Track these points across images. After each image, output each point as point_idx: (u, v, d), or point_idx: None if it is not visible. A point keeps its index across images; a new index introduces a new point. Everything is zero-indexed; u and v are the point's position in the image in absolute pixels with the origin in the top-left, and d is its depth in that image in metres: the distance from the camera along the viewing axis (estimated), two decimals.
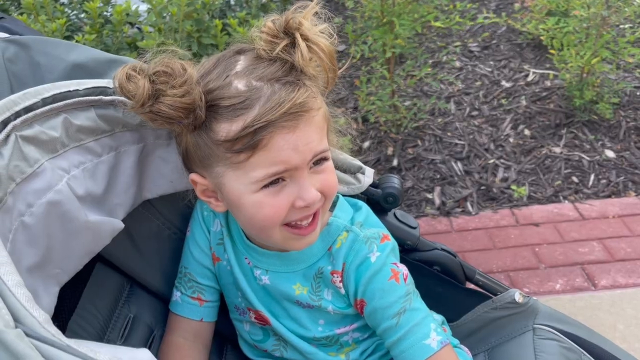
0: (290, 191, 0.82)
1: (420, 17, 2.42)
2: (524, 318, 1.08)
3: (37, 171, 0.76)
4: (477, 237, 2.26)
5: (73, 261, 0.82)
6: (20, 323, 0.55)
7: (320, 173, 0.84)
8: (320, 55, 0.81)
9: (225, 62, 0.82)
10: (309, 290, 0.94)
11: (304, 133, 0.79)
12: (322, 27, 0.82)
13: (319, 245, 0.93)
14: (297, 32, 0.79)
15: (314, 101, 0.81)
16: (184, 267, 1.03)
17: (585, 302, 1.92)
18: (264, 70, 0.79)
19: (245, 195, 0.82)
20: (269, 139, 0.77)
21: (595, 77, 2.65)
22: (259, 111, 0.76)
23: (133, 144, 0.94)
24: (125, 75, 0.78)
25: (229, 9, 2.90)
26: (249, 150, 0.77)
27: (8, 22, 0.99)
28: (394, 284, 0.89)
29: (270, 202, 0.81)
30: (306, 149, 0.79)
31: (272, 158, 0.78)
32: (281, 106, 0.76)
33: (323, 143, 0.83)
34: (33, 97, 0.78)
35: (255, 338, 1.03)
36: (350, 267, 0.90)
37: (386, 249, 0.91)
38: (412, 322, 0.88)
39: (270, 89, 0.78)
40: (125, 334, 1.00)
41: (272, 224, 0.83)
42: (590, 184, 2.43)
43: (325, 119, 0.85)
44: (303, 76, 0.81)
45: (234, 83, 0.79)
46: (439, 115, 2.84)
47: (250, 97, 0.77)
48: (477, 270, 1.11)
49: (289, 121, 0.77)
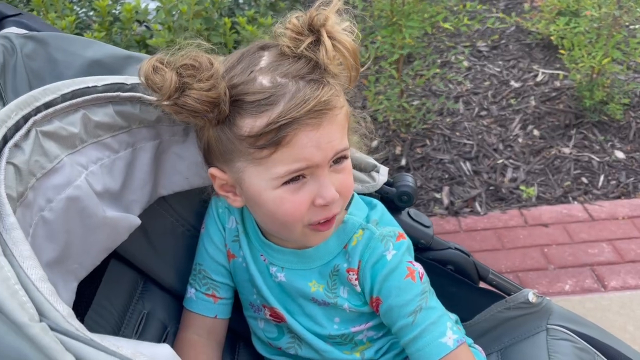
0: (311, 189, 0.82)
1: (430, 17, 2.42)
2: (538, 318, 1.08)
3: (56, 167, 0.76)
4: (485, 238, 2.26)
5: (91, 257, 0.82)
6: (45, 317, 0.56)
7: (339, 172, 0.84)
8: (344, 53, 0.81)
9: (250, 58, 0.82)
10: (325, 287, 0.94)
11: (327, 131, 0.79)
12: (346, 24, 0.82)
13: (334, 243, 0.93)
14: (322, 29, 0.79)
15: (337, 99, 0.81)
16: (198, 264, 1.04)
17: (594, 303, 1.91)
18: (288, 67, 0.79)
19: (265, 191, 0.82)
20: (293, 136, 0.77)
21: (605, 77, 2.64)
22: (284, 108, 0.76)
23: (149, 141, 0.94)
24: (151, 68, 0.78)
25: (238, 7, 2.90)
26: (272, 147, 0.77)
27: (25, 18, 0.99)
28: (410, 282, 0.89)
29: (290, 198, 0.81)
30: (328, 147, 0.80)
31: (294, 155, 0.78)
32: (306, 103, 0.76)
33: (344, 142, 0.83)
34: (53, 93, 0.78)
35: (270, 335, 1.03)
36: (366, 265, 0.90)
37: (402, 247, 0.91)
38: (428, 321, 0.88)
39: (295, 85, 0.78)
40: (140, 330, 1.00)
41: (293, 220, 0.83)
42: (600, 184, 2.42)
43: (347, 118, 0.85)
44: (326, 74, 0.81)
45: (259, 79, 0.79)
46: (448, 115, 2.84)
47: (275, 94, 0.77)
48: (490, 270, 1.11)
49: (313, 119, 0.77)
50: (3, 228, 0.61)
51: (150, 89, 0.80)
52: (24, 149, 0.72)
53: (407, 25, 2.30)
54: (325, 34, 0.80)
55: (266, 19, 2.39)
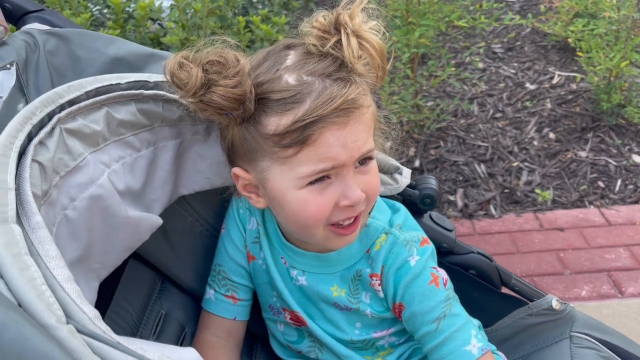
0: (335, 189, 0.80)
1: (445, 16, 2.39)
2: (561, 325, 1.05)
3: (80, 165, 0.75)
4: (500, 241, 2.23)
5: (113, 256, 0.81)
6: (71, 319, 0.55)
7: (365, 174, 0.82)
8: (371, 52, 0.79)
9: (275, 56, 0.81)
10: (347, 292, 0.93)
11: (353, 130, 0.77)
12: (373, 23, 0.81)
13: (357, 247, 0.91)
14: (348, 27, 0.78)
15: (365, 98, 0.80)
16: (218, 265, 1.02)
17: (612, 309, 1.89)
18: (315, 66, 0.78)
19: (289, 191, 0.80)
20: (319, 135, 0.76)
21: (623, 80, 2.60)
22: (310, 105, 0.75)
23: (171, 139, 0.93)
24: (177, 64, 0.77)
25: (251, 6, 2.89)
26: (297, 145, 0.76)
27: (48, 14, 0.98)
28: (434, 289, 0.87)
29: (314, 199, 0.80)
30: (354, 147, 0.78)
31: (320, 154, 0.77)
32: (333, 101, 0.75)
33: (370, 142, 0.81)
34: (77, 90, 0.78)
35: (290, 339, 1.01)
36: (389, 270, 0.89)
37: (426, 253, 0.89)
38: (452, 328, 0.86)
39: (322, 84, 0.77)
40: (158, 331, 1.00)
41: (315, 222, 0.82)
42: (617, 189, 2.39)
43: (373, 118, 0.83)
44: (353, 73, 0.79)
45: (285, 77, 0.78)
46: (462, 116, 2.81)
47: (301, 92, 0.76)
48: (513, 275, 1.09)
49: (340, 117, 0.76)
50: (29, 227, 0.60)
51: (175, 85, 0.79)
52: (48, 146, 0.71)
53: (421, 24, 2.28)
54: (351, 32, 0.78)
55: (280, 17, 2.38)
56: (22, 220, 0.60)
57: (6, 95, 0.80)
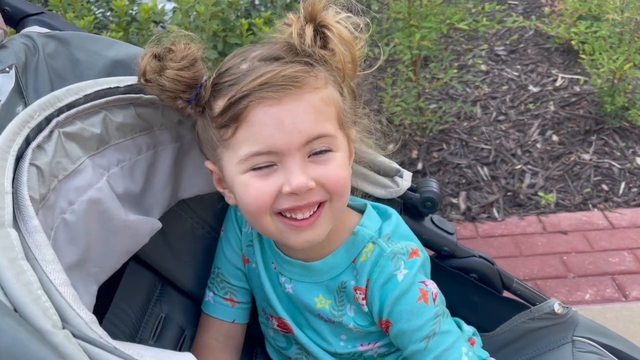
0: (279, 176, 0.77)
1: (446, 18, 2.39)
2: (563, 330, 1.04)
3: (78, 168, 0.75)
4: (503, 244, 2.22)
5: (112, 260, 0.81)
6: (68, 323, 0.54)
7: (320, 164, 0.78)
8: (333, 40, 0.78)
9: (245, 49, 0.82)
10: (332, 304, 0.90)
11: (291, 109, 0.75)
12: (342, 16, 0.80)
13: (343, 256, 0.89)
14: (309, 15, 0.78)
15: (312, 79, 0.77)
16: (216, 268, 1.02)
17: (616, 313, 1.87)
18: (269, 51, 0.79)
19: (236, 176, 0.79)
20: (250, 110, 0.75)
21: (627, 83, 2.59)
22: (244, 83, 0.76)
23: (171, 143, 0.93)
24: (142, 54, 0.81)
25: (254, 8, 2.89)
26: (232, 123, 0.76)
27: (48, 17, 0.98)
28: (423, 306, 0.84)
29: (255, 184, 0.78)
30: (292, 129, 0.75)
31: (255, 133, 0.76)
32: (263, 76, 0.75)
33: (321, 127, 0.77)
34: (75, 93, 0.78)
35: (279, 345, 1.01)
36: (374, 284, 0.85)
37: (414, 266, 0.85)
38: (442, 347, 0.83)
39: (266, 66, 0.77)
40: (157, 334, 0.99)
41: (258, 208, 0.79)
42: (621, 192, 2.37)
43: (329, 104, 0.79)
44: (314, 61, 0.78)
45: (241, 65, 0.79)
46: (465, 119, 2.80)
47: (245, 74, 0.77)
48: (515, 279, 1.08)
49: (270, 92, 0.74)
50: (26, 231, 0.60)
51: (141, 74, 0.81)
52: (46, 150, 0.71)
53: (423, 27, 2.27)
54: (309, 18, 0.78)
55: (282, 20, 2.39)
56: (19, 224, 0.60)
57: (4, 98, 0.80)
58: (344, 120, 0.82)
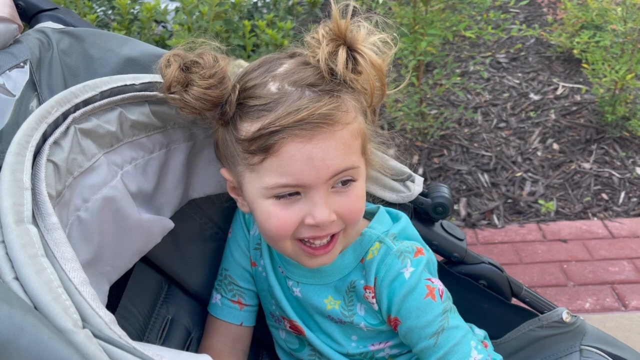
0: (302, 207, 0.78)
1: (451, 25, 2.39)
2: (571, 338, 1.04)
3: (94, 165, 0.74)
4: (503, 251, 2.22)
5: (124, 259, 0.80)
6: (87, 323, 0.53)
7: (342, 195, 0.79)
8: (364, 67, 0.76)
9: (271, 63, 0.80)
10: (341, 304, 0.90)
11: (321, 147, 0.74)
12: (376, 38, 0.78)
13: (350, 257, 0.89)
14: (343, 39, 0.76)
15: (343, 115, 0.76)
16: (224, 270, 1.01)
17: (615, 322, 1.88)
18: (301, 75, 0.76)
19: (258, 199, 0.79)
20: (281, 145, 0.74)
21: (628, 93, 2.61)
22: (277, 115, 0.74)
23: (184, 142, 0.92)
24: (166, 60, 0.78)
25: (257, 10, 2.89)
26: (262, 153, 0.75)
27: (61, 12, 0.97)
28: (431, 302, 0.85)
29: (278, 213, 0.78)
30: (322, 166, 0.75)
31: (283, 166, 0.75)
32: (298, 112, 0.73)
33: (348, 161, 0.77)
34: (92, 89, 0.77)
35: (292, 347, 1.00)
36: (382, 282, 0.86)
37: (420, 264, 0.86)
38: (452, 342, 0.84)
39: (299, 94, 0.75)
40: (164, 336, 0.98)
41: (279, 236, 0.80)
42: (621, 201, 2.38)
43: (357, 136, 0.79)
44: (344, 87, 0.77)
45: (269, 84, 0.77)
46: (466, 125, 2.81)
47: (276, 100, 0.75)
48: (524, 287, 1.08)
49: (304, 130, 0.73)
50: (44, 228, 0.59)
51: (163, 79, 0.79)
52: (63, 146, 0.70)
53: (428, 33, 2.27)
54: (344, 43, 0.76)
55: (285, 23, 2.38)
56: (37, 220, 0.59)
57: (18, 94, 0.79)
58: (366, 146, 0.83)
